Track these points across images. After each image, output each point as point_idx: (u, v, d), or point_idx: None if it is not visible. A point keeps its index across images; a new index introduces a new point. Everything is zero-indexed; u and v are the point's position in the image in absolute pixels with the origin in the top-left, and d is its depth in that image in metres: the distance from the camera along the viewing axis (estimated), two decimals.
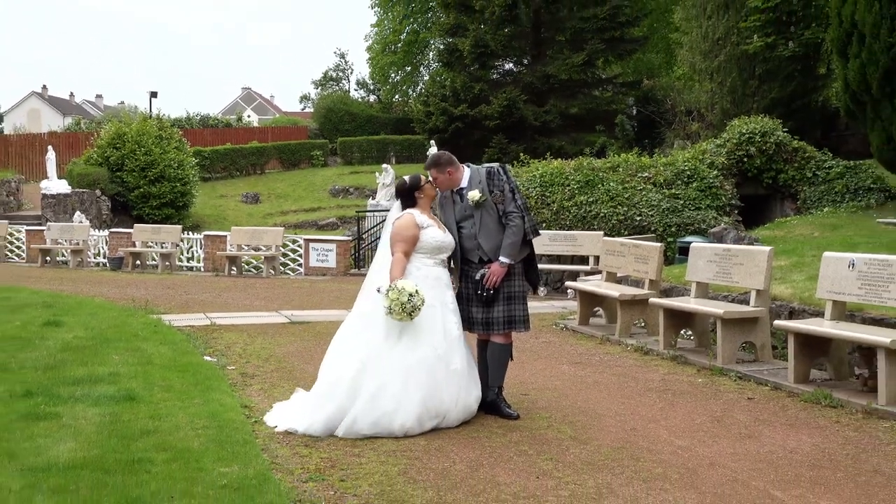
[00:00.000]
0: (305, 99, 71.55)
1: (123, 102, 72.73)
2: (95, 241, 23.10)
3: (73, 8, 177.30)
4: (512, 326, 6.68)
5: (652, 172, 18.01)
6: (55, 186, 27.12)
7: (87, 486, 4.84)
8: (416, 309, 6.03)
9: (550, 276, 16.04)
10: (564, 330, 11.24)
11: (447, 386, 6.21)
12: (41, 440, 5.71)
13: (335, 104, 52.10)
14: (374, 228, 22.39)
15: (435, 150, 29.11)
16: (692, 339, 9.65)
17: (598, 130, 36.56)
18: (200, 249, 22.11)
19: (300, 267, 20.94)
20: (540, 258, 8.94)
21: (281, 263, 20.93)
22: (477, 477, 5.22)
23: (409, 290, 6.01)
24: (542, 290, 15.52)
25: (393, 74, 53.71)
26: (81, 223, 23.43)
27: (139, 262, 21.57)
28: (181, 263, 21.98)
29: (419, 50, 51.13)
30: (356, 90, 62.83)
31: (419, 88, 51.28)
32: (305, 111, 69.83)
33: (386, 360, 6.14)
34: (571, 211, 17.26)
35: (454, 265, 6.79)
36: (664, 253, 10.98)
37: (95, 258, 22.91)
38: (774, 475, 5.27)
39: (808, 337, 7.53)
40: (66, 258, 22.55)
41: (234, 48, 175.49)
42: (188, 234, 22.76)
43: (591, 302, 11.43)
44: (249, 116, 70.45)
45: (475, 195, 6.56)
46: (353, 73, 76.27)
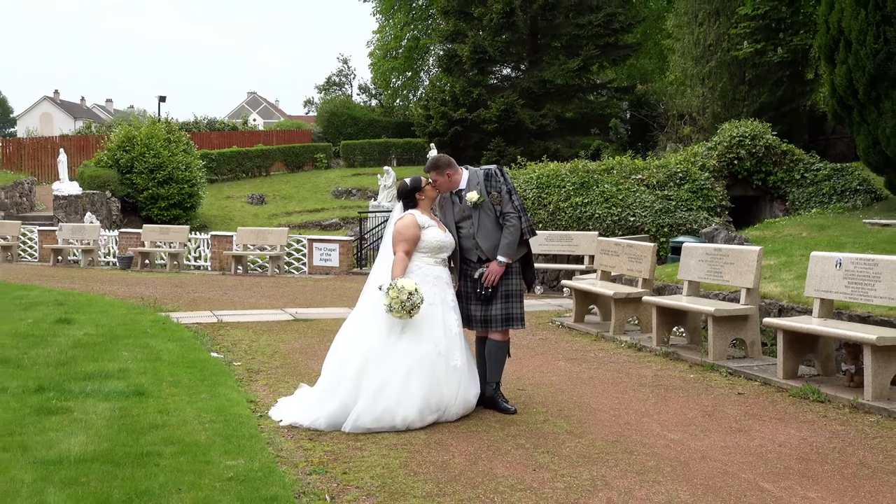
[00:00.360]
0: (309, 103, 71.68)
1: (133, 106, 72.78)
2: (105, 240, 23.09)
3: (83, 15, 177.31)
4: (509, 324, 6.68)
5: (645, 174, 18.02)
6: (67, 188, 27.10)
7: (97, 478, 4.84)
8: (415, 307, 6.03)
9: (547, 274, 16.04)
10: (560, 327, 11.24)
11: (447, 382, 6.21)
12: (53, 434, 5.72)
13: (338, 108, 52.07)
14: (375, 229, 22.41)
15: (435, 152, 29.11)
16: (684, 336, 9.65)
17: (592, 134, 36.55)
18: (207, 249, 22.11)
19: (304, 266, 20.94)
20: (537, 257, 8.98)
21: (285, 263, 20.93)
22: (475, 469, 5.22)
23: (408, 288, 6.01)
24: (538, 288, 15.52)
25: (394, 79, 53.67)
26: (92, 224, 23.42)
27: (148, 261, 21.57)
28: (189, 263, 21.98)
29: (419, 56, 51.10)
30: (358, 95, 62.87)
31: (419, 93, 51.27)
32: (309, 115, 69.88)
33: (388, 356, 6.14)
34: (567, 212, 17.26)
35: (454, 264, 6.79)
36: (657, 252, 10.98)
37: (105, 258, 22.90)
38: (764, 468, 5.27)
39: (796, 334, 7.54)
40: (77, 258, 22.55)
41: (240, 54, 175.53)
42: (195, 234, 22.76)
43: (586, 300, 11.43)
44: (255, 120, 70.36)
45: (473, 196, 6.57)
46: (355, 78, 76.33)
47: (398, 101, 54.73)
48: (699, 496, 4.76)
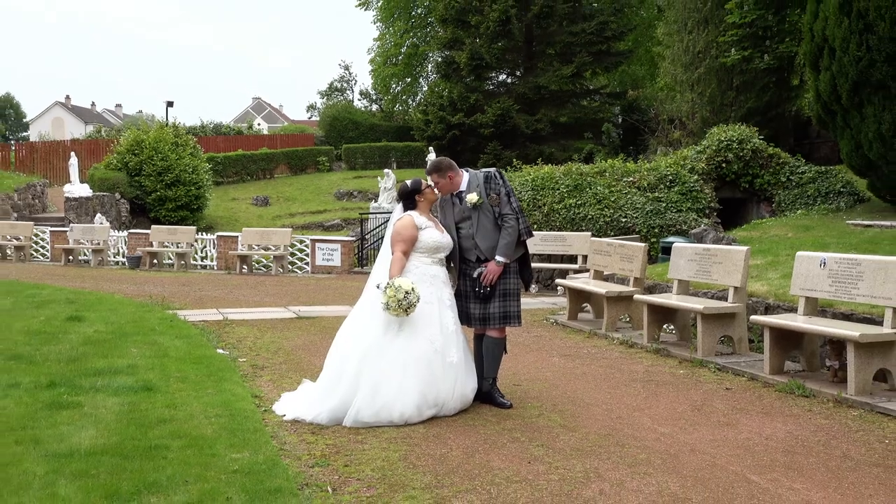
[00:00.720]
0: (312, 108, 71.61)
1: (141, 111, 72.61)
2: (115, 241, 23.07)
3: (94, 23, 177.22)
4: (506, 321, 6.68)
5: (636, 177, 18.02)
6: (77, 190, 27.11)
7: (106, 470, 4.84)
8: (411, 305, 6.02)
9: (541, 274, 16.03)
10: (555, 325, 11.24)
11: (444, 378, 6.21)
12: (64, 428, 5.72)
13: (340, 113, 52.10)
14: (376, 229, 22.40)
15: (433, 156, 29.09)
16: (674, 333, 9.65)
17: (586, 138, 36.57)
18: (213, 249, 22.09)
19: (307, 265, 20.92)
20: (532, 257, 8.93)
21: (289, 262, 20.91)
22: (472, 462, 5.22)
23: (405, 287, 6.01)
24: (533, 287, 15.52)
25: (394, 85, 53.66)
26: (102, 224, 23.39)
27: (156, 260, 21.55)
28: (195, 262, 21.96)
29: (418, 62, 51.09)
30: (359, 100, 62.92)
31: (419, 98, 51.27)
32: (312, 120, 69.82)
33: (386, 353, 6.13)
34: (561, 213, 17.26)
35: (453, 264, 6.78)
36: (648, 252, 10.98)
37: (115, 257, 22.87)
38: (751, 460, 5.27)
39: (782, 331, 7.55)
40: (87, 257, 22.52)
41: (245, 61, 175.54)
42: (202, 234, 22.74)
43: (579, 298, 11.43)
44: (260, 124, 70.33)
45: (473, 198, 6.57)
46: (356, 84, 76.17)
47: (398, 106, 54.73)
48: (688, 488, 4.76)
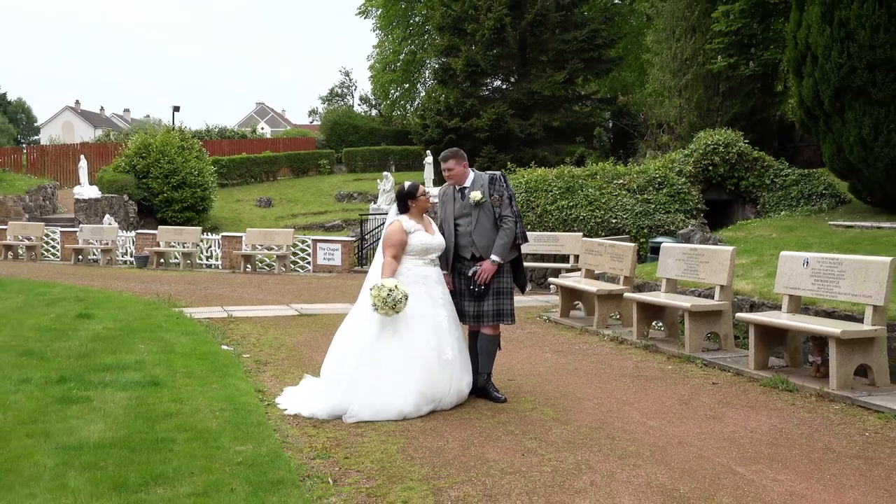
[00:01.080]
0: (314, 113, 71.34)
1: (149, 116, 72.57)
2: (123, 241, 23.04)
3: (103, 30, 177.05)
4: (500, 319, 6.67)
5: (626, 179, 18.03)
6: (87, 192, 27.07)
7: (115, 463, 4.84)
8: (397, 302, 6.00)
9: (535, 273, 16.03)
10: (547, 322, 11.25)
11: (440, 374, 6.20)
12: (74, 421, 5.71)
13: (340, 118, 52.05)
14: (375, 230, 22.41)
15: (430, 159, 29.09)
16: (662, 329, 9.66)
17: (577, 141, 36.57)
18: (218, 249, 22.07)
19: (308, 265, 20.91)
20: (525, 257, 8.92)
21: (291, 261, 20.90)
22: (468, 454, 5.22)
23: (388, 285, 6.01)
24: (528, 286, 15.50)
25: (393, 91, 53.62)
26: (110, 225, 23.38)
27: (163, 260, 21.53)
28: (201, 262, 21.94)
29: (416, 69, 51.06)
30: (359, 105, 62.76)
31: (416, 103, 51.22)
32: (314, 124, 69.65)
33: (382, 353, 6.13)
34: (554, 214, 17.26)
35: (448, 262, 6.73)
36: (637, 252, 10.99)
37: (123, 257, 22.84)
38: (737, 452, 5.28)
39: (766, 328, 7.55)
40: (96, 257, 22.49)
41: (249, 67, 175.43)
42: (207, 235, 22.72)
43: (571, 296, 11.44)
44: (263, 128, 70.30)
45: (476, 195, 6.58)
46: (356, 89, 75.95)
47: (396, 111, 54.69)
48: (676, 479, 4.76)
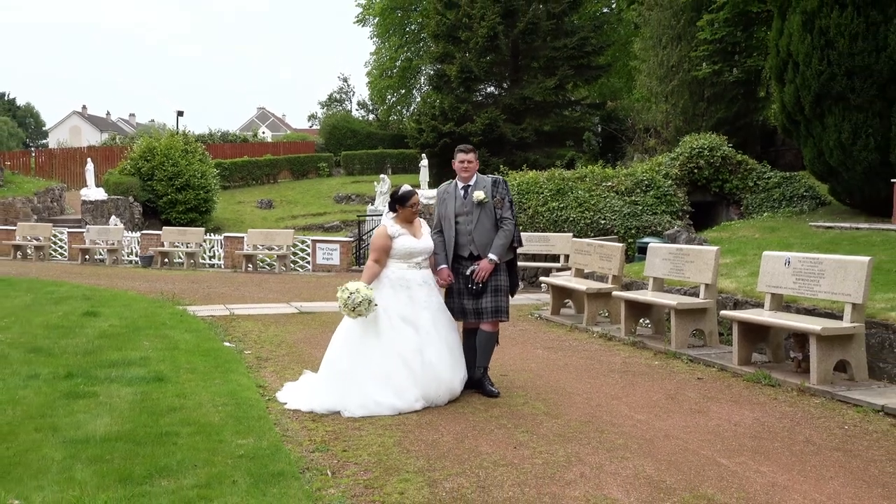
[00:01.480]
0: (313, 117, 71.36)
1: (154, 120, 72.38)
2: (129, 241, 22.98)
3: (110, 37, 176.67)
4: (498, 315, 6.64)
5: (615, 182, 18.04)
6: (93, 194, 26.99)
7: (120, 456, 4.83)
8: (357, 305, 5.98)
9: (526, 272, 16.03)
10: (539, 319, 11.25)
11: (423, 374, 6.15)
12: (80, 416, 5.69)
13: (339, 122, 52.02)
14: (373, 230, 22.31)
15: (426, 162, 29.03)
16: (649, 326, 9.67)
17: (567, 145, 36.60)
18: (221, 249, 22.02)
19: (308, 264, 20.88)
20: (517, 256, 8.90)
21: (291, 261, 20.86)
22: (462, 447, 5.21)
23: (350, 289, 6.02)
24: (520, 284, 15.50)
25: (389, 96, 53.60)
26: (116, 226, 23.30)
27: (167, 259, 21.47)
28: (204, 261, 21.89)
29: (412, 75, 51.05)
30: (357, 110, 62.73)
31: (412, 108, 51.19)
32: (313, 128, 69.59)
33: (367, 352, 6.13)
34: (545, 215, 17.27)
35: (449, 257, 6.66)
36: (625, 252, 10.99)
37: (128, 257, 22.77)
38: (721, 445, 5.29)
39: (749, 325, 7.57)
40: (102, 256, 22.41)
41: (251, 73, 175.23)
42: (210, 235, 22.65)
43: (561, 295, 11.44)
44: (264, 133, 70.15)
45: (480, 195, 6.58)
46: (354, 95, 76.12)
47: (393, 115, 54.68)
48: (663, 470, 4.77)
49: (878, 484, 4.58)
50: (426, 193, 26.47)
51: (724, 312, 8.12)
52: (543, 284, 13.72)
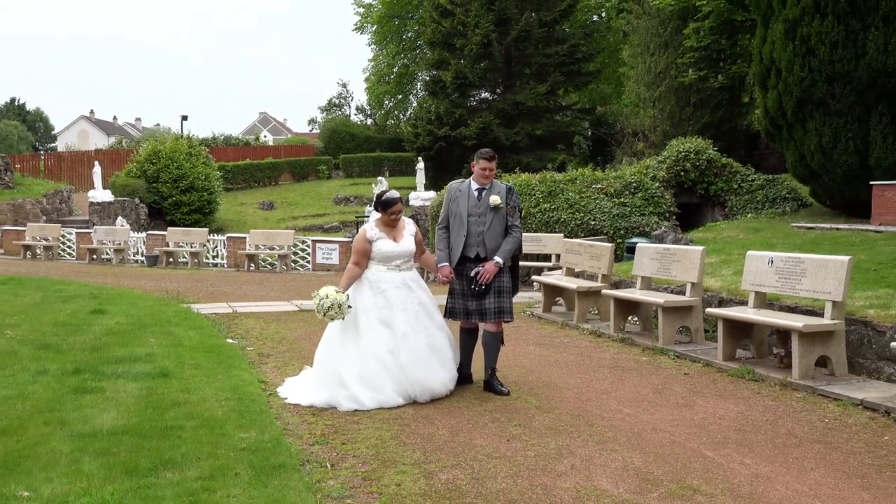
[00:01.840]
0: (313, 122, 71.27)
1: (159, 124, 72.32)
2: (134, 241, 22.94)
3: (118, 44, 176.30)
4: (501, 316, 6.58)
5: (604, 184, 18.04)
6: (101, 195, 26.94)
7: (126, 449, 4.82)
8: (328, 310, 6.03)
9: (519, 271, 16.00)
10: (531, 316, 11.25)
11: (400, 375, 6.10)
12: (88, 410, 5.68)
13: (338, 126, 51.97)
14: None
15: (422, 165, 28.95)
16: (638, 324, 9.67)
17: (559, 149, 36.61)
18: (224, 249, 22.00)
19: (308, 264, 20.86)
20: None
21: (292, 261, 20.84)
22: (457, 440, 5.22)
23: (321, 294, 6.09)
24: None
25: (387, 101, 53.54)
26: (123, 226, 23.26)
27: (172, 259, 21.44)
28: (207, 261, 21.86)
29: (409, 81, 50.99)
30: (356, 115, 62.64)
31: (409, 113, 51.15)
32: (313, 132, 69.51)
33: (349, 353, 6.15)
34: (537, 216, 17.27)
35: (457, 254, 6.58)
36: (614, 252, 11.00)
37: (134, 256, 22.74)
38: (706, 437, 5.29)
39: (734, 322, 7.58)
40: (109, 256, 22.38)
41: (253, 78, 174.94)
42: (213, 235, 22.63)
43: (553, 293, 11.45)
44: (266, 136, 69.99)
45: (496, 200, 6.52)
46: (353, 100, 75.90)
47: (390, 120, 54.61)
48: (651, 462, 4.77)
49: (857, 475, 4.59)
50: (422, 195, 26.53)
51: (709, 310, 8.13)
52: (535, 283, 13.72)
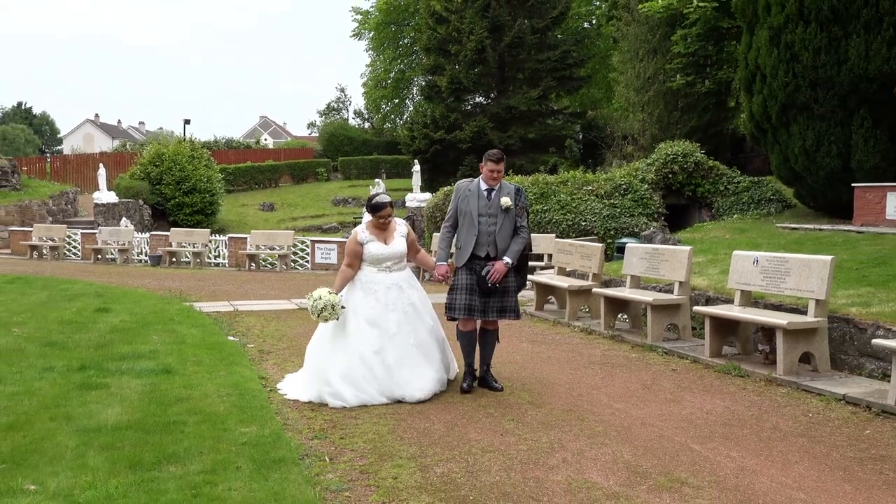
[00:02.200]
0: (312, 125, 71.16)
1: (162, 128, 72.00)
2: (138, 241, 22.88)
3: (123, 49, 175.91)
4: (503, 315, 6.50)
5: (595, 186, 18.07)
6: (105, 197, 26.90)
7: (130, 443, 4.80)
8: (321, 311, 6.01)
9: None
10: (524, 314, 11.21)
11: (382, 374, 6.06)
12: (93, 406, 5.66)
13: (336, 130, 51.96)
14: None
15: (418, 167, 28.90)
16: (627, 321, 9.68)
17: (550, 152, 36.64)
18: (225, 249, 21.95)
19: (307, 263, 20.82)
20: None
21: (292, 260, 20.80)
22: (452, 435, 5.21)
23: (314, 296, 6.07)
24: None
25: (384, 106, 53.55)
26: (127, 227, 23.20)
27: (175, 259, 21.38)
28: (209, 260, 21.80)
29: (405, 86, 51.02)
30: (354, 118, 62.64)
31: (405, 117, 51.17)
32: (312, 135, 69.40)
33: (337, 353, 6.12)
34: (529, 217, 17.26)
35: (468, 252, 6.45)
36: (604, 252, 11.00)
37: (138, 256, 22.67)
38: (694, 432, 5.30)
39: (721, 320, 7.59)
40: (114, 256, 22.30)
41: (253, 83, 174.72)
42: (215, 236, 22.57)
43: (545, 291, 11.44)
44: (266, 139, 69.93)
45: (507, 201, 6.42)
46: (351, 104, 75.86)
47: (387, 124, 54.63)
48: (640, 456, 4.78)
49: (839, 468, 4.60)
50: (418, 197, 26.51)
51: (696, 308, 8.14)
52: (528, 282, 13.73)
